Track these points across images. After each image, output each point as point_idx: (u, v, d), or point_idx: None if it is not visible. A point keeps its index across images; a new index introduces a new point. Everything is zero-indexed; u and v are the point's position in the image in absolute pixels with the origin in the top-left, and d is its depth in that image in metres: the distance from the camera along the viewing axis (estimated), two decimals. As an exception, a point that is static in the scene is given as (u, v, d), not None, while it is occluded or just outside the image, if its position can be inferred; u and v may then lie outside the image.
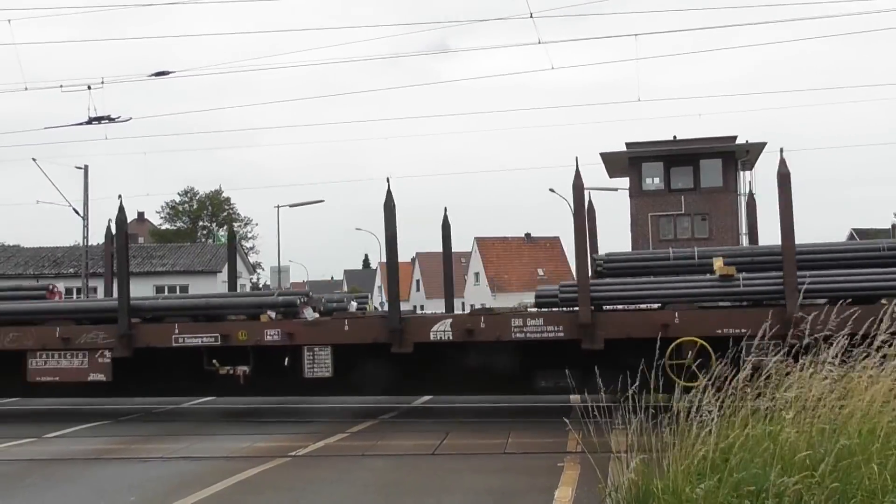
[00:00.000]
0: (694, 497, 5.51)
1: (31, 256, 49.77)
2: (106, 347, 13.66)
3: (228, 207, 79.39)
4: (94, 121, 24.54)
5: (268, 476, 9.39)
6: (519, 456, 10.29)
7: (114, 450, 11.47)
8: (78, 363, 13.85)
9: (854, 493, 5.52)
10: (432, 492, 8.40)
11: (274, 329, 13.17)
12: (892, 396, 6.50)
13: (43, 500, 8.62)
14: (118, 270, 14.42)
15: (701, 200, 42.48)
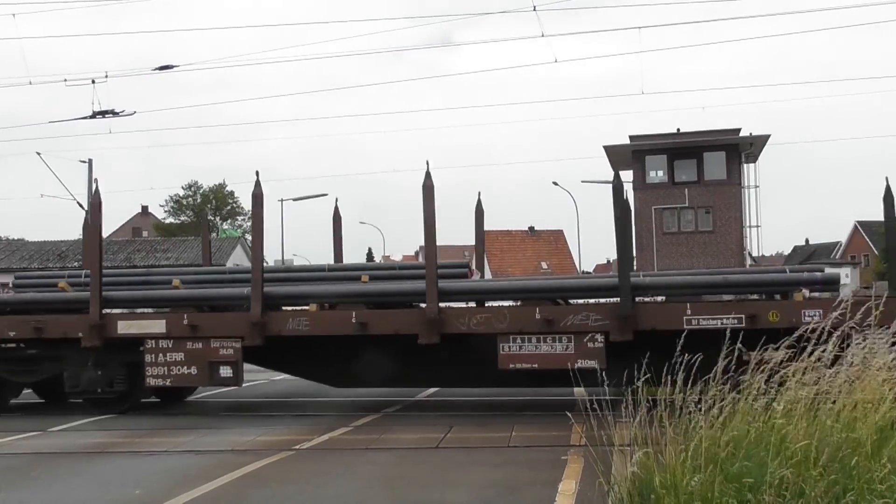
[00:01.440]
0: (691, 490, 5.53)
1: (36, 250, 49.82)
2: (599, 330, 12.30)
3: (232, 201, 79.41)
4: (99, 115, 24.61)
5: (273, 469, 9.43)
6: (523, 449, 10.31)
7: (119, 443, 11.51)
8: (562, 348, 12.52)
9: (854, 485, 5.53)
10: (436, 485, 8.43)
11: (814, 310, 11.15)
12: (887, 389, 6.51)
13: (49, 493, 8.65)
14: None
15: (705, 193, 42.41)
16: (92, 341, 13.84)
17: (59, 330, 14.20)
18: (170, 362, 13.66)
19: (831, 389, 6.42)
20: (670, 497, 5.59)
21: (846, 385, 6.48)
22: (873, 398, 6.32)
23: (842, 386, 6.46)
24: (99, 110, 24.63)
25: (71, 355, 14.24)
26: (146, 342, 13.78)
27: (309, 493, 8.26)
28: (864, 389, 6.40)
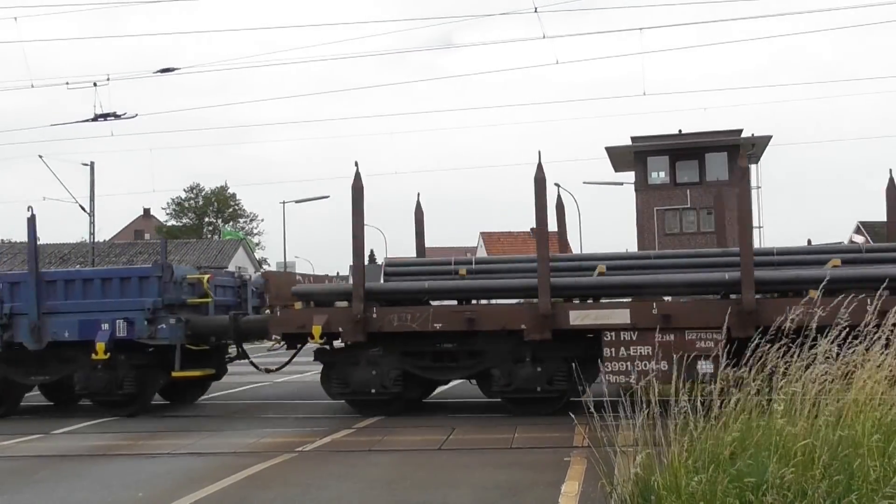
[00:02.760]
0: (691, 490, 5.52)
1: (38, 253, 49.82)
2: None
3: (234, 203, 79.48)
4: (100, 117, 24.65)
5: (275, 471, 9.43)
6: (525, 451, 10.31)
7: (121, 446, 11.52)
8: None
9: (857, 485, 5.53)
10: (439, 487, 8.43)
11: None
12: (889, 387, 6.51)
13: (52, 495, 8.66)
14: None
15: (707, 194, 42.32)
16: (539, 333, 12.56)
17: (496, 321, 12.92)
18: (633, 356, 12.26)
19: (829, 387, 6.42)
20: (672, 498, 5.59)
21: (843, 382, 6.48)
22: (869, 397, 6.32)
23: (838, 383, 6.46)
24: (101, 113, 24.67)
25: (496, 350, 13.11)
26: (605, 334, 12.40)
27: (311, 496, 8.26)
28: (861, 388, 6.40)
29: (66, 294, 14.56)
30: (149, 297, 14.17)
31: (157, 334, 14.15)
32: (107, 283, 14.58)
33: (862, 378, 6.50)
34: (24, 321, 14.49)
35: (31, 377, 15.06)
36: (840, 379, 6.58)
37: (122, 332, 14.14)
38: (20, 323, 14.53)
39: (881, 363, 6.62)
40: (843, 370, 6.65)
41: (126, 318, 14.15)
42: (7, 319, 14.53)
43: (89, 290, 14.54)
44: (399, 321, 13.03)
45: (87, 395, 14.74)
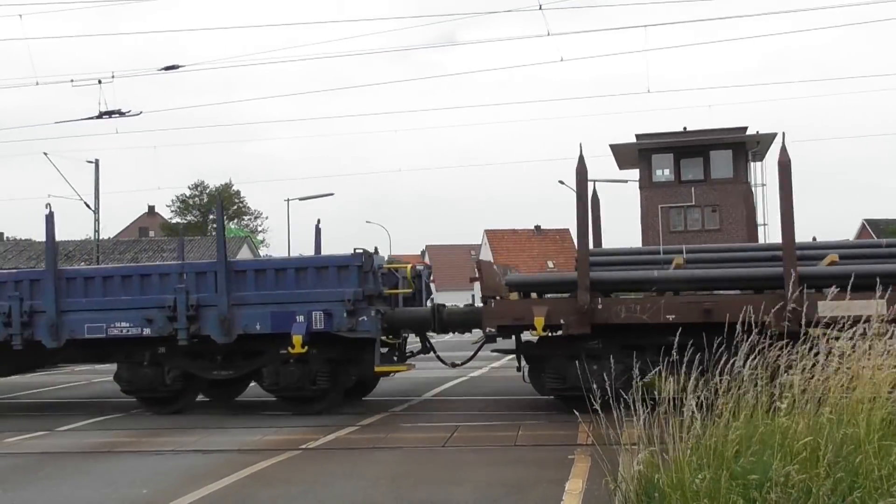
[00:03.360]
0: (695, 488, 5.51)
1: (43, 250, 49.97)
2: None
3: (238, 201, 79.53)
4: (105, 115, 24.63)
5: (279, 469, 9.44)
6: (529, 448, 10.30)
7: (126, 443, 11.54)
8: None
9: (862, 483, 5.52)
10: (443, 484, 8.42)
11: None
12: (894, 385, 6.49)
13: (57, 492, 8.67)
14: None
15: (711, 192, 42.33)
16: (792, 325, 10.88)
17: (736, 313, 11.73)
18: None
19: (831, 384, 6.40)
20: (676, 495, 5.58)
21: (844, 379, 6.46)
22: (871, 394, 6.31)
23: (839, 380, 6.44)
24: (105, 110, 24.65)
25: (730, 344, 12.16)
26: None
27: (315, 493, 8.26)
28: (863, 386, 6.39)
29: (257, 285, 13.76)
30: (349, 288, 13.28)
31: (357, 327, 13.28)
32: (301, 273, 13.70)
33: (865, 376, 6.48)
34: (213, 313, 13.68)
35: (213, 372, 14.33)
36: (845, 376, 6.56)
37: (318, 324, 13.34)
38: (208, 315, 13.73)
39: (882, 362, 6.59)
40: (851, 368, 6.63)
41: (324, 310, 13.32)
42: (194, 311, 13.73)
43: (282, 281, 13.70)
44: (627, 312, 12.16)
45: (275, 390, 13.97)
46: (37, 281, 14.51)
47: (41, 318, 14.21)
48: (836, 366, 6.54)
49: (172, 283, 13.96)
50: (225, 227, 14.84)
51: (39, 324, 14.23)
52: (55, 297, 14.15)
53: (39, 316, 14.23)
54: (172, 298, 13.73)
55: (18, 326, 14.20)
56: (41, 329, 14.23)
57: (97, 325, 14.07)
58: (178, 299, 13.72)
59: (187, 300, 13.71)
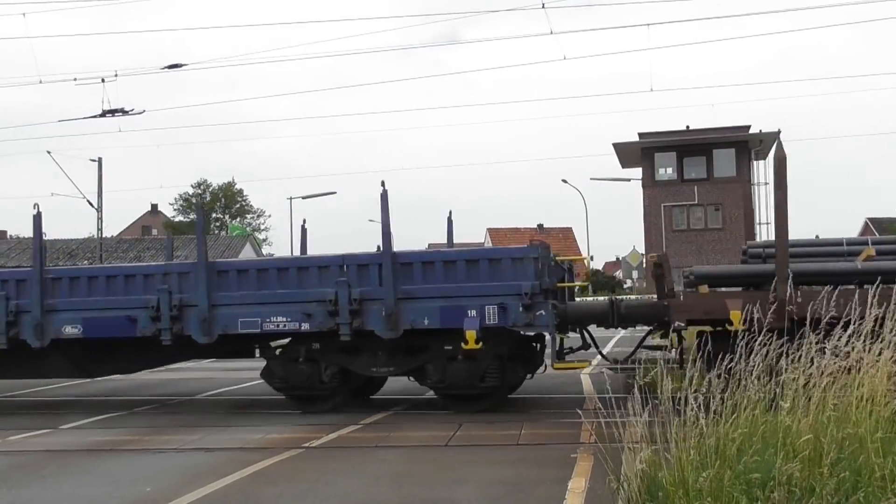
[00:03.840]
0: (699, 486, 5.51)
1: (46, 248, 50.01)
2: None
3: (241, 199, 79.65)
4: (108, 113, 24.69)
5: (282, 467, 9.44)
6: (532, 447, 10.29)
7: (128, 441, 11.54)
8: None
9: (865, 482, 5.51)
10: (445, 483, 8.42)
11: None
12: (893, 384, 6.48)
13: (59, 490, 8.68)
14: None
15: (714, 190, 42.35)
16: None
17: None
18: None
19: (832, 381, 6.39)
20: (679, 494, 5.58)
21: (845, 377, 6.45)
22: (871, 393, 6.30)
23: (840, 378, 6.43)
24: (108, 109, 24.71)
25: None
26: None
27: (318, 491, 8.26)
28: (863, 384, 6.38)
29: (425, 277, 13.10)
30: (525, 281, 12.62)
31: (535, 321, 12.62)
32: (472, 265, 13.04)
33: (863, 374, 6.48)
34: (377, 307, 13.01)
35: (372, 368, 13.66)
36: (845, 373, 6.55)
37: (492, 318, 12.68)
38: (372, 309, 13.06)
39: (879, 360, 6.58)
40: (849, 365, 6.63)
41: (498, 304, 12.67)
42: (357, 305, 13.05)
43: (451, 273, 13.04)
44: (829, 306, 10.87)
45: (441, 388, 13.41)
46: (185, 274, 13.93)
47: (192, 312, 13.60)
48: (834, 362, 6.53)
49: (333, 276, 13.30)
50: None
51: (190, 318, 13.62)
52: (207, 290, 13.54)
53: (190, 310, 13.61)
54: (333, 292, 13.05)
55: (168, 321, 13.58)
56: (192, 324, 13.62)
57: (252, 319, 13.46)
58: (340, 293, 13.04)
59: (350, 294, 13.03)
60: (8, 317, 14.09)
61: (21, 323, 14.11)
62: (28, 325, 14.05)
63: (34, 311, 14.00)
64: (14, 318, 14.10)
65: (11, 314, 14.09)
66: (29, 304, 14.07)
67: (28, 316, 14.06)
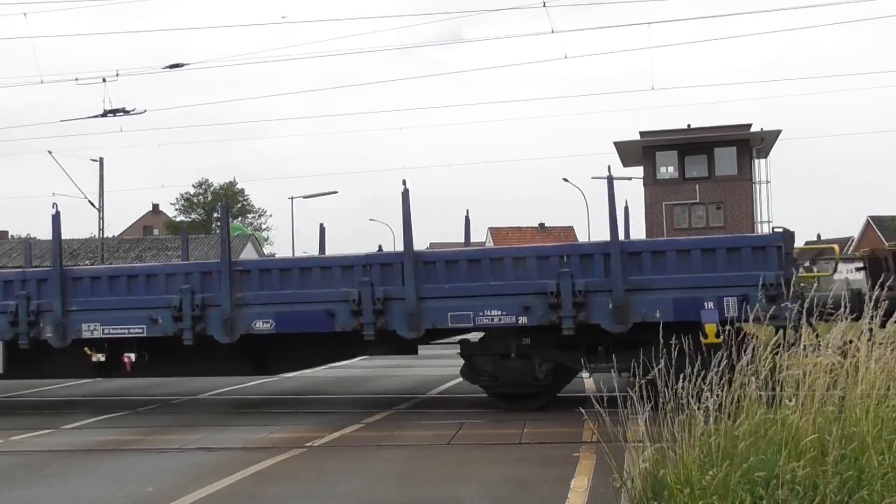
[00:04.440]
0: (704, 485, 5.51)
1: (48, 249, 49.91)
2: None
3: (242, 199, 79.65)
4: (110, 113, 24.74)
5: (284, 467, 9.44)
6: (535, 446, 10.30)
7: (131, 440, 11.55)
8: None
9: (869, 479, 5.51)
10: (448, 482, 8.42)
11: None
12: (892, 379, 6.48)
13: (62, 490, 8.68)
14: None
15: (716, 189, 42.36)
16: None
17: None
18: None
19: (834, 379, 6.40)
20: (684, 493, 5.58)
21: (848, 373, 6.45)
22: (868, 391, 6.30)
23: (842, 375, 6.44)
24: (110, 109, 24.75)
25: None
26: None
27: (320, 491, 8.26)
28: (863, 381, 6.38)
29: (655, 268, 12.33)
30: (769, 271, 11.82)
31: (780, 313, 11.43)
32: (707, 255, 12.30)
33: (862, 371, 6.49)
34: (603, 300, 12.23)
35: (590, 364, 12.80)
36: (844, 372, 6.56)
37: (731, 311, 11.73)
38: (597, 302, 12.24)
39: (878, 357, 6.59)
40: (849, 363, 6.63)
41: (738, 295, 11.88)
42: (582, 298, 12.24)
43: (685, 263, 12.30)
44: None
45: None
46: (388, 265, 13.04)
47: (397, 306, 12.76)
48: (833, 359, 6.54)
49: (552, 266, 12.51)
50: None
51: (395, 312, 12.76)
52: (415, 282, 12.70)
53: (395, 304, 12.78)
54: (554, 284, 12.25)
55: (371, 315, 12.72)
56: (397, 318, 12.77)
57: (463, 313, 12.65)
58: (563, 285, 12.24)
59: (573, 286, 12.22)
60: (194, 311, 13.26)
61: (208, 318, 13.30)
62: (216, 320, 13.24)
63: (224, 306, 13.16)
64: (200, 312, 13.28)
65: (197, 308, 13.26)
66: (217, 297, 13.24)
67: (216, 310, 13.25)
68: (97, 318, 13.73)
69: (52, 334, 13.81)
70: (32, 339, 13.90)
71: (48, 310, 13.84)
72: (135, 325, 13.60)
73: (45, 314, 13.87)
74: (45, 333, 13.87)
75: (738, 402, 6.27)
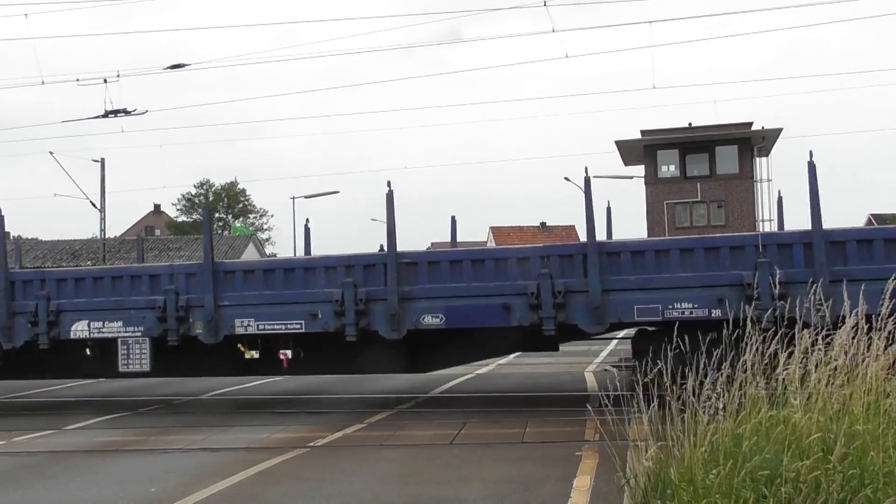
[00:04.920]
0: (709, 484, 5.51)
1: (49, 249, 50.10)
2: None
3: (244, 199, 79.68)
4: (111, 114, 24.72)
5: (287, 466, 9.45)
6: (537, 445, 10.30)
7: (134, 441, 11.56)
8: None
9: (872, 477, 5.51)
10: (451, 481, 8.43)
11: None
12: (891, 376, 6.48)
13: (65, 490, 8.69)
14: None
15: (717, 187, 42.31)
16: None
17: None
18: None
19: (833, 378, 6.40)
20: (688, 491, 5.58)
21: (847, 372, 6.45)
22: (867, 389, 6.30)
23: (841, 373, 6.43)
24: (111, 109, 24.73)
25: None
26: None
27: (323, 491, 8.27)
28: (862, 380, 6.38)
29: (860, 257, 11.75)
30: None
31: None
32: None
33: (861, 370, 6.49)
34: (803, 292, 10.73)
35: None
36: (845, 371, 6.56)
37: None
38: (797, 294, 10.78)
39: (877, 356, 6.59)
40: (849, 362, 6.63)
41: None
42: (782, 289, 11.18)
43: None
44: None
45: None
46: (568, 257, 12.54)
47: (577, 299, 12.25)
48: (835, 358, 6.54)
49: (748, 257, 11.98)
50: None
51: (575, 305, 12.28)
52: (599, 274, 12.18)
53: (575, 297, 12.27)
54: (751, 274, 11.73)
55: (551, 309, 12.21)
56: (578, 312, 12.28)
57: (650, 306, 12.12)
58: (761, 275, 11.62)
59: (771, 276, 11.31)
60: (357, 305, 12.73)
61: (372, 313, 12.77)
62: (381, 315, 12.73)
63: (390, 300, 12.66)
64: (364, 307, 12.76)
65: (360, 303, 12.73)
66: (382, 291, 12.76)
67: (381, 305, 12.74)
68: (251, 312, 13.22)
69: (202, 330, 13.35)
70: (182, 335, 13.42)
71: (198, 305, 13.35)
72: (292, 321, 13.08)
73: (195, 309, 13.39)
74: (195, 329, 13.41)
75: (740, 401, 6.27)
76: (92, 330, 13.81)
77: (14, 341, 14.03)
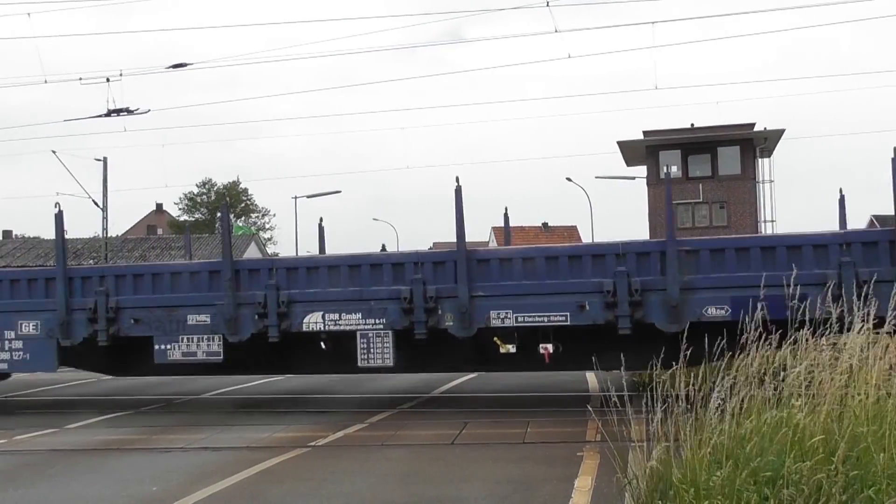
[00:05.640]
0: (711, 485, 5.50)
1: (51, 248, 50.03)
2: None
3: (246, 198, 79.70)
4: (113, 113, 24.74)
5: (288, 466, 9.44)
6: (538, 445, 10.29)
7: (135, 440, 11.56)
8: None
9: (875, 479, 5.50)
10: (452, 481, 8.42)
11: None
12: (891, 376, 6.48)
13: (66, 489, 8.68)
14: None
15: (719, 188, 42.28)
16: None
17: None
18: None
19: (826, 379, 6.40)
20: (690, 492, 5.57)
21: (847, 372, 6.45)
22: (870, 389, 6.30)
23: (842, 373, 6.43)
24: (113, 108, 24.76)
25: None
26: None
27: (325, 490, 8.26)
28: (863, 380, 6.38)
29: None
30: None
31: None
32: None
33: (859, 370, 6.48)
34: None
35: None
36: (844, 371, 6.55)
37: None
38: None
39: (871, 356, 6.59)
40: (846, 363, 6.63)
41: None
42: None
43: None
44: None
45: None
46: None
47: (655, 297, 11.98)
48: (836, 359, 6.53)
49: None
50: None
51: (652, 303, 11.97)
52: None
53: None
54: (836, 273, 11.25)
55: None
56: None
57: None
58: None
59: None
60: (631, 296, 11.97)
61: (647, 304, 12.01)
62: (658, 306, 11.95)
63: (670, 291, 11.89)
64: (640, 297, 11.98)
65: (635, 293, 11.95)
66: (660, 281, 11.99)
67: (658, 296, 11.96)
68: (509, 304, 12.41)
69: (453, 322, 12.51)
70: (430, 328, 12.65)
71: (449, 295, 12.55)
72: (556, 313, 12.29)
73: (445, 301, 12.56)
74: (445, 322, 12.56)
75: (743, 402, 6.26)
76: (327, 322, 12.99)
77: (241, 334, 13.25)
